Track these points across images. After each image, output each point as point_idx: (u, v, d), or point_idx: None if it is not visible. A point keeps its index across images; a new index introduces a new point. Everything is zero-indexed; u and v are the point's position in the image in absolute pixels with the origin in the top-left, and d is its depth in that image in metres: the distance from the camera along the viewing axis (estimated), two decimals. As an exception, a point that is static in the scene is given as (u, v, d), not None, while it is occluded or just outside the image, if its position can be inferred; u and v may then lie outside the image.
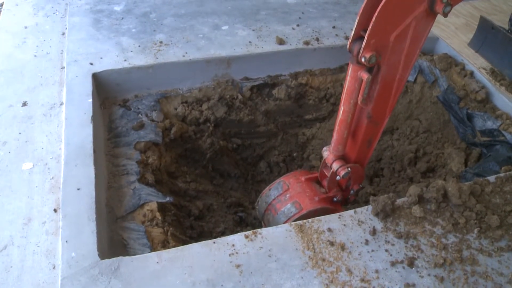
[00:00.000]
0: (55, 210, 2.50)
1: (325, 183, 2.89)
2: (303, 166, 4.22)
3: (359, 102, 2.36)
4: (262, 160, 4.27)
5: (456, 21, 4.40)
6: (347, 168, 2.70)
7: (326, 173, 2.85)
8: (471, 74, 3.71)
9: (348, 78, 2.35)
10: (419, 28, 2.26)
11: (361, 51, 2.16)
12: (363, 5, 2.16)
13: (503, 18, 4.06)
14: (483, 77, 3.61)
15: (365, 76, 2.24)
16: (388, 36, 2.19)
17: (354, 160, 2.76)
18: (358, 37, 2.21)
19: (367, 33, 2.12)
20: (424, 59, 4.00)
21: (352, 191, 2.91)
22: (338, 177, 2.74)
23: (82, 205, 2.44)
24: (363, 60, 2.16)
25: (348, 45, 2.25)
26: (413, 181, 3.66)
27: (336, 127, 2.59)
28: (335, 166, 2.73)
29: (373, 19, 2.08)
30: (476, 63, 3.79)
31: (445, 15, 2.19)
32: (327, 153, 2.80)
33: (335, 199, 2.90)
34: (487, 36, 3.86)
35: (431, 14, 2.22)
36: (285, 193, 2.94)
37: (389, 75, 2.39)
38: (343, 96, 2.44)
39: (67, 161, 2.69)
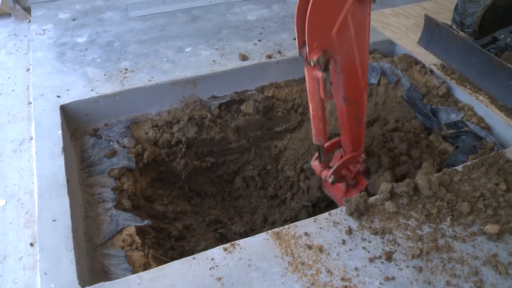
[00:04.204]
0: (31, 244, 2.49)
1: None
2: (278, 178, 4.25)
3: (322, 97, 2.44)
4: (237, 176, 4.29)
5: (407, 22, 4.55)
6: (331, 176, 3.00)
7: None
8: (431, 71, 3.81)
9: (307, 79, 2.44)
10: (357, 16, 2.29)
11: (308, 55, 2.24)
12: (296, 12, 2.20)
13: (450, 16, 4.23)
14: (440, 73, 3.73)
15: (319, 74, 2.32)
16: (329, 34, 2.24)
17: (352, 145, 2.97)
18: (303, 43, 2.25)
19: (306, 40, 2.17)
20: (385, 61, 4.10)
21: (358, 166, 3.21)
22: (330, 183, 3.06)
23: (59, 236, 2.43)
24: (312, 64, 2.24)
25: (297, 51, 2.32)
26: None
27: (312, 122, 2.68)
28: (323, 176, 3.06)
29: (306, 26, 2.13)
30: (427, 60, 3.92)
31: (374, 1, 2.27)
32: (315, 164, 3.11)
33: (351, 185, 3.29)
34: (433, 34, 3.99)
35: (363, 0, 2.27)
36: None
37: (348, 62, 2.45)
38: (308, 95, 2.52)
39: (41, 194, 2.68)
